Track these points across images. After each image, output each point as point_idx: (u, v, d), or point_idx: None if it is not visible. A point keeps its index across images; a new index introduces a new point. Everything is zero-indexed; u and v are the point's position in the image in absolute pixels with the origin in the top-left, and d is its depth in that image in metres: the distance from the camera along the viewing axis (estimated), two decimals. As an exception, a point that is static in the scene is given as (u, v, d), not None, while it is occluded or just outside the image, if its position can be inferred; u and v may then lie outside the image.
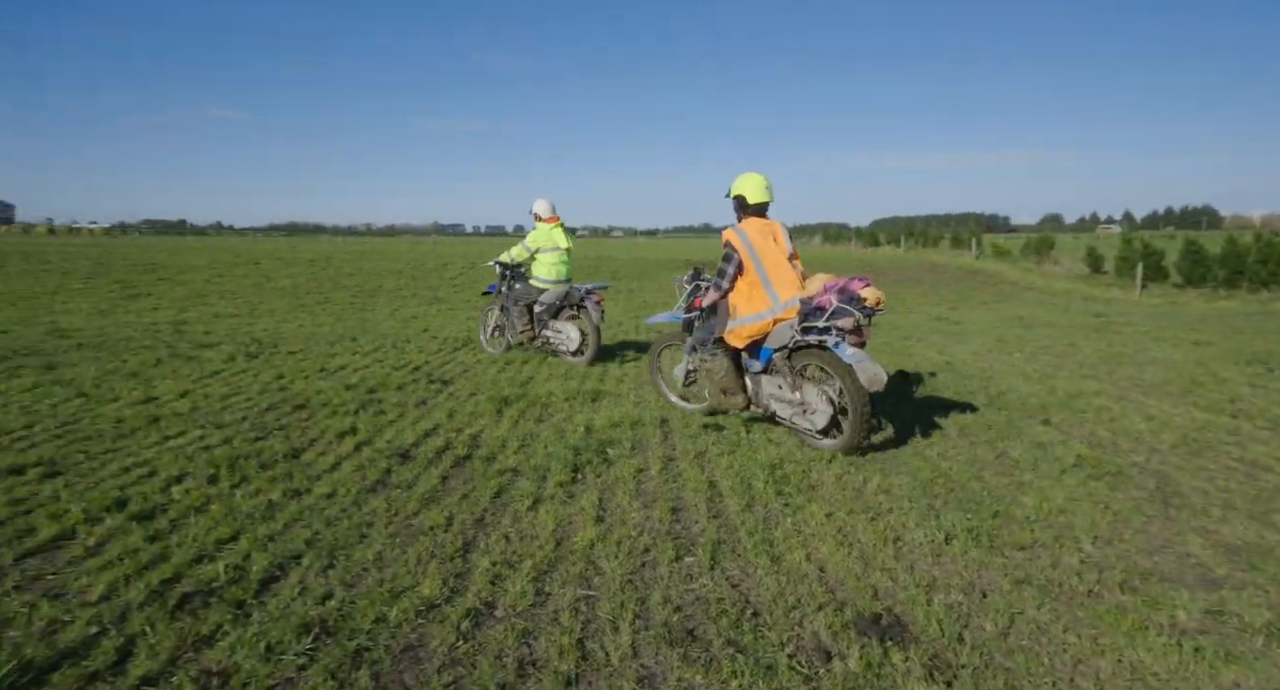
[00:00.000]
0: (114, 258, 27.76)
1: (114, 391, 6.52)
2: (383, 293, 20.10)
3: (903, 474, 4.55)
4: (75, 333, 11.42)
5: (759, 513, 3.94)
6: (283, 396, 6.55)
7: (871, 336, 8.28)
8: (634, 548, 3.50)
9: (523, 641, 2.69)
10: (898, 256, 40.66)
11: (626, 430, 5.57)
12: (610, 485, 4.38)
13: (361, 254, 35.32)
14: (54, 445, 4.88)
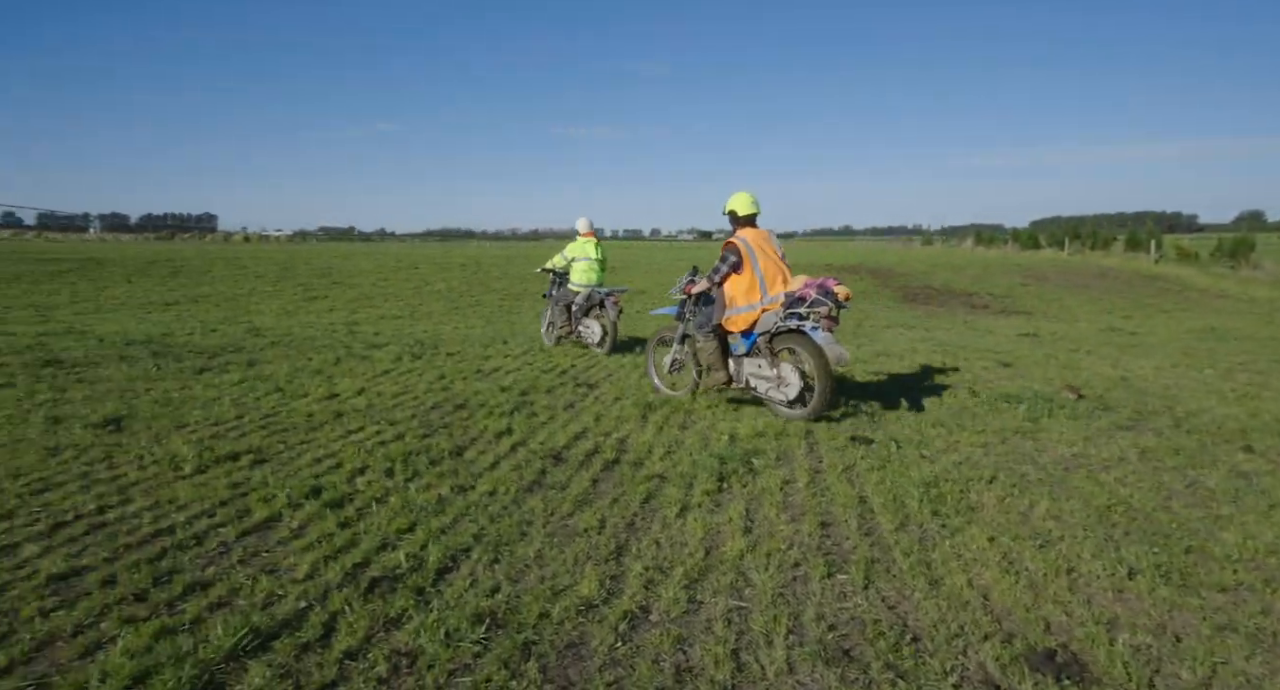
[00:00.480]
0: (296, 262, 30.82)
1: (303, 387, 7.27)
2: (528, 296, 21.04)
3: (1074, 499, 4.24)
4: (268, 331, 12.80)
5: (914, 532, 3.81)
6: (445, 396, 7.04)
7: (1039, 348, 7.76)
8: (784, 561, 3.49)
9: (678, 648, 2.76)
10: (1061, 260, 37.58)
11: (771, 440, 5.54)
12: (756, 496, 4.39)
13: (508, 258, 37.15)
14: (259, 435, 5.52)
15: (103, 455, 4.86)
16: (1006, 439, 5.58)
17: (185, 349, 9.74)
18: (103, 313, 16.92)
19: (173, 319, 15.65)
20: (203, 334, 12.28)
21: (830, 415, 6.25)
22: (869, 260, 37.74)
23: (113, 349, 9.50)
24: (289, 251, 45.79)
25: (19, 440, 5.12)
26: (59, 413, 5.90)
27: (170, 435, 5.41)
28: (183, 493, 4.19)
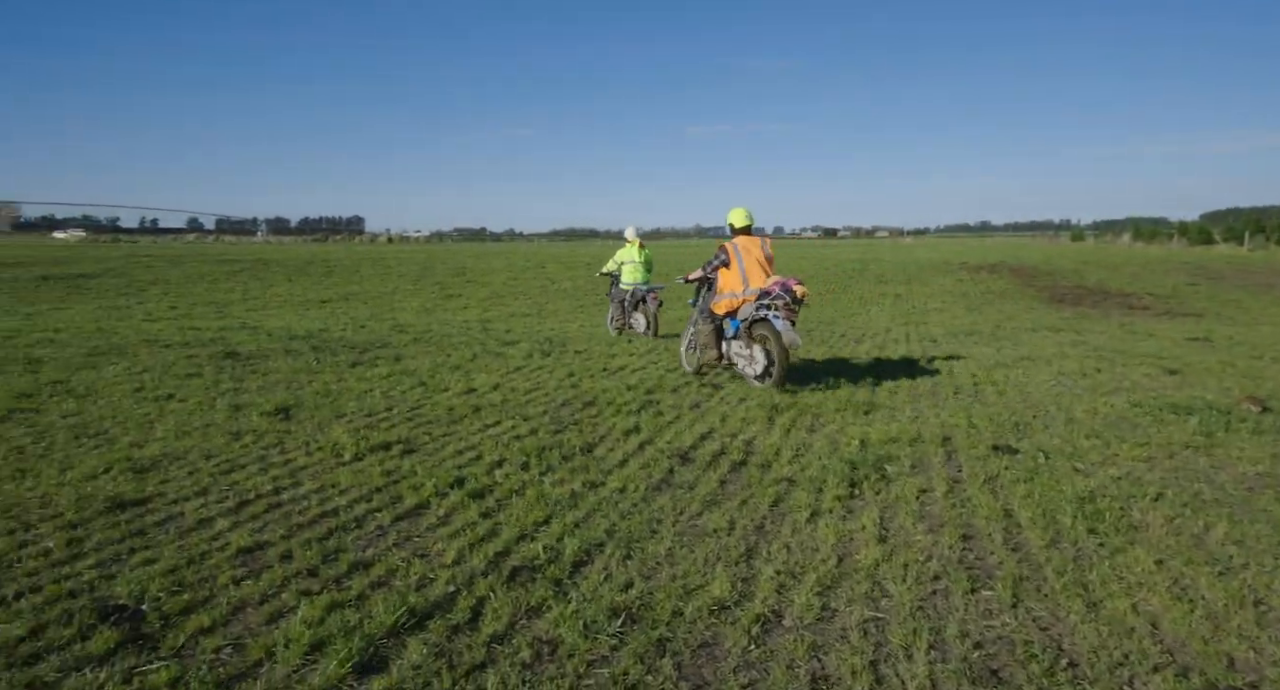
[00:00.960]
0: (434, 262, 32.70)
1: (444, 382, 7.71)
2: (651, 296, 21.34)
3: (1260, 523, 3.82)
4: (410, 328, 13.67)
5: (1067, 551, 3.56)
6: (574, 393, 7.26)
7: (1212, 355, 7.03)
8: (922, 573, 3.36)
9: (813, 655, 2.73)
10: (1240, 257, 33.76)
11: (905, 447, 5.34)
12: (891, 504, 4.25)
13: (630, 258, 37.76)
14: (407, 426, 5.91)
15: (276, 441, 5.38)
16: (1175, 454, 5.10)
17: (340, 344, 10.57)
18: (269, 309, 18.67)
19: (327, 315, 17.03)
20: (354, 330, 13.28)
21: (971, 421, 5.95)
22: (1010, 258, 35.47)
23: (279, 343, 10.46)
24: (427, 251, 48.62)
25: (209, 425, 5.75)
26: (239, 401, 6.57)
27: (331, 424, 5.90)
28: (343, 478, 4.56)
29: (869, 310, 19.37)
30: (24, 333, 11.28)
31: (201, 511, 3.96)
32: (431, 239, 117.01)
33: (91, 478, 4.42)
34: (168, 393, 6.90)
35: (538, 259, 36.31)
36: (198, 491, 4.27)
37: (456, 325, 14.56)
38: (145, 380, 7.46)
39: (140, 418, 5.96)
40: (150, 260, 31.81)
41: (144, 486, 4.30)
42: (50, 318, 14.72)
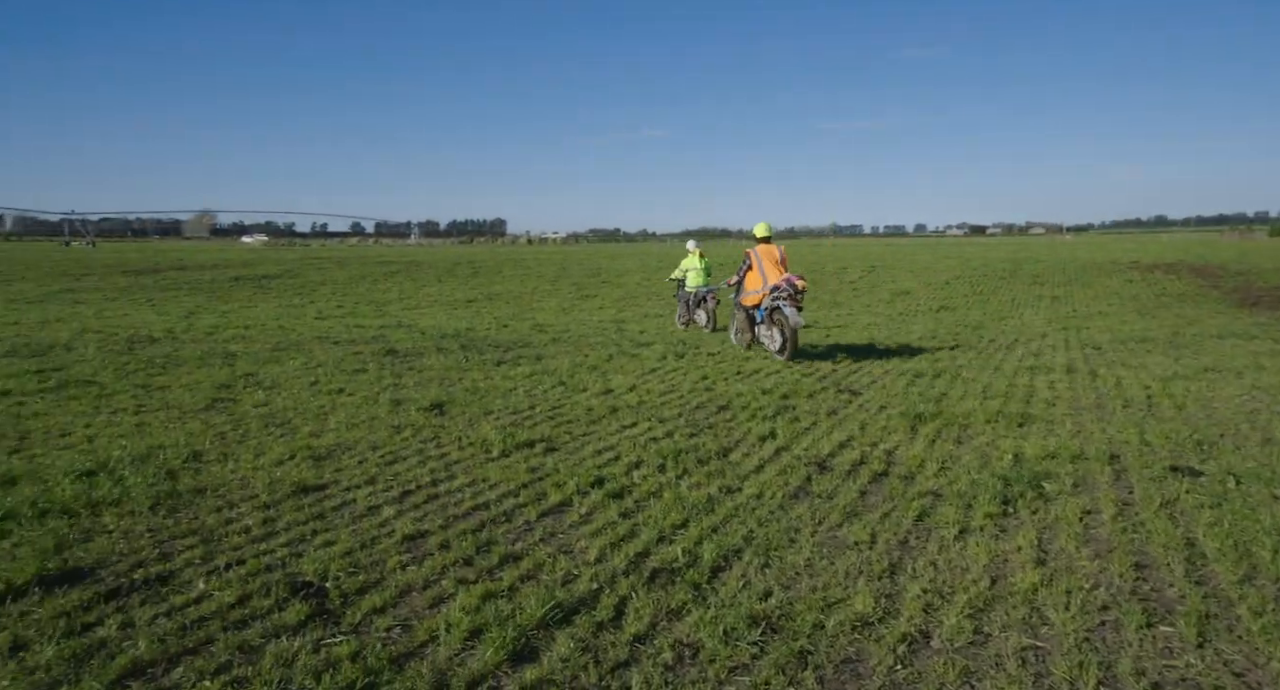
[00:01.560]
0: (570, 263, 33.80)
1: (582, 383, 7.98)
2: (784, 296, 21.00)
3: None
4: (550, 328, 14.22)
5: (1267, 588, 3.19)
6: (708, 397, 7.29)
7: None
8: (1088, 602, 3.13)
9: (965, 680, 2.61)
10: None
11: (1065, 464, 4.97)
12: (1050, 525, 3.97)
13: (763, 258, 37.31)
14: (549, 425, 6.17)
15: (432, 435, 5.78)
16: (1402, 484, 4.43)
17: (485, 343, 11.18)
18: (421, 308, 20.03)
19: (473, 314, 18.03)
20: (497, 329, 14.00)
21: (1144, 438, 5.45)
22: (1190, 256, 31.94)
23: (431, 341, 11.21)
24: (564, 253, 50.30)
25: (374, 418, 6.27)
26: (399, 396, 7.11)
27: (480, 421, 6.26)
28: (492, 473, 4.84)
29: (1021, 314, 18.09)
30: (221, 329, 12.75)
31: (370, 499, 4.33)
32: (568, 240, 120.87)
33: (279, 463, 4.94)
34: (338, 387, 7.58)
35: (671, 259, 36.63)
36: (366, 480, 4.67)
37: (592, 325, 14.99)
38: (319, 374, 8.23)
39: (316, 409, 6.58)
40: (320, 262, 34.94)
41: (322, 473, 4.76)
42: (241, 315, 16.53)
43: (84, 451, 5.10)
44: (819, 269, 27.85)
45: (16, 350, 9.25)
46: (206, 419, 6.17)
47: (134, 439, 5.45)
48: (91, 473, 4.54)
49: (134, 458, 4.90)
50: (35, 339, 10.48)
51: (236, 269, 31.45)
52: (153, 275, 28.56)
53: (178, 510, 4.09)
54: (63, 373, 7.84)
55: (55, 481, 4.37)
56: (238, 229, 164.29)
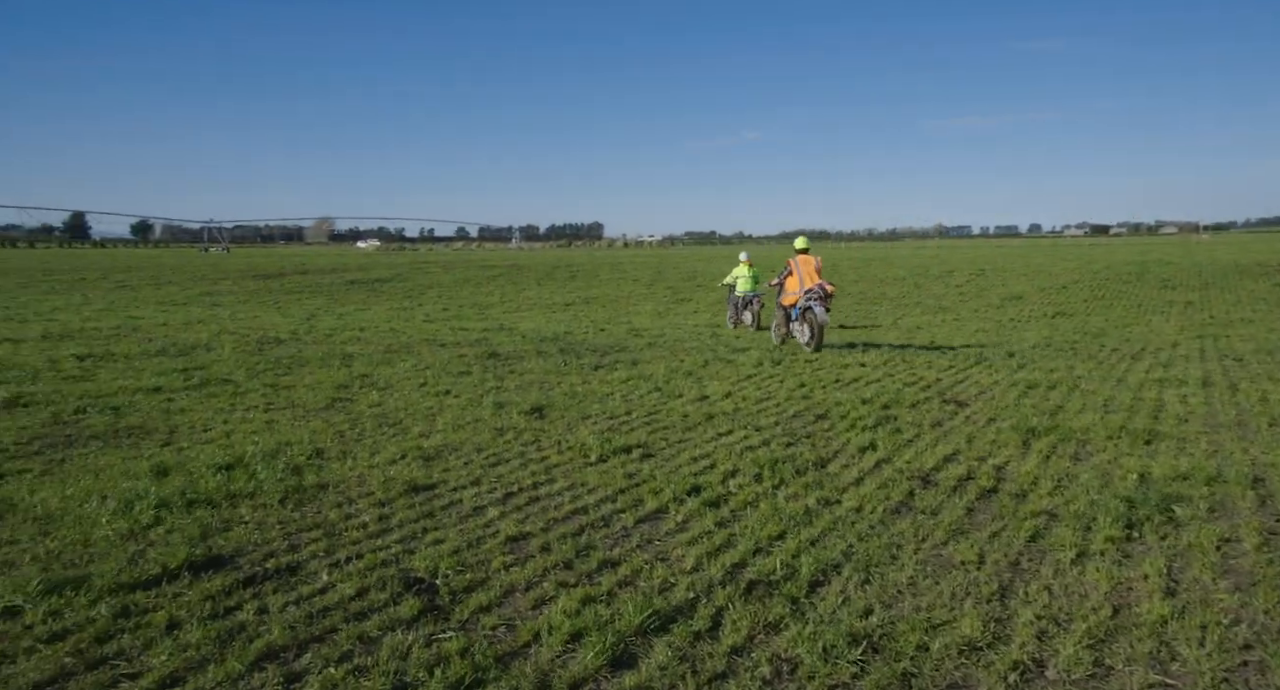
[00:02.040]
0: (666, 267, 33.97)
1: (678, 388, 8.02)
2: (885, 301, 20.34)
3: None
4: (645, 332, 14.35)
5: None
6: (805, 405, 7.18)
7: None
8: (1226, 640, 2.90)
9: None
10: None
11: (1199, 486, 4.60)
12: (1181, 553, 3.70)
13: (865, 260, 36.27)
14: (645, 431, 6.25)
15: (533, 439, 5.96)
16: None
17: (583, 346, 11.41)
18: (521, 311, 20.64)
19: (571, 318, 18.43)
20: (594, 333, 14.25)
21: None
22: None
23: (532, 345, 11.54)
24: (660, 256, 50.60)
25: (478, 420, 6.53)
26: (501, 399, 7.37)
27: (578, 425, 6.41)
28: (591, 478, 4.94)
29: (1149, 320, 16.84)
30: (339, 331, 13.57)
31: (476, 500, 4.52)
32: (664, 243, 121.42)
33: (392, 462, 5.23)
34: (445, 388, 7.93)
35: (767, 262, 36.24)
36: (472, 481, 4.87)
37: (688, 330, 15.02)
38: (428, 376, 8.63)
39: (425, 411, 6.91)
40: (427, 266, 36.59)
41: (431, 473, 5.00)
42: (357, 317, 17.55)
43: (223, 446, 5.57)
44: (922, 272, 26.82)
45: (166, 350, 10.16)
46: (327, 417, 6.59)
47: (264, 435, 5.90)
48: (229, 466, 4.95)
49: (265, 453, 5.30)
50: (180, 339, 11.48)
51: (352, 273, 33.37)
52: (279, 279, 30.72)
53: (303, 504, 4.40)
54: (204, 371, 8.57)
55: (200, 474, 4.79)
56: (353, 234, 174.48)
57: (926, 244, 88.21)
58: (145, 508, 4.13)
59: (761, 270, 16.33)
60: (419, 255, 57.06)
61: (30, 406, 6.63)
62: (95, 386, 7.57)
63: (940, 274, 25.92)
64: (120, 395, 7.19)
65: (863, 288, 23.15)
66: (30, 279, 28.75)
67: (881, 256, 41.82)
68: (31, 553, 3.65)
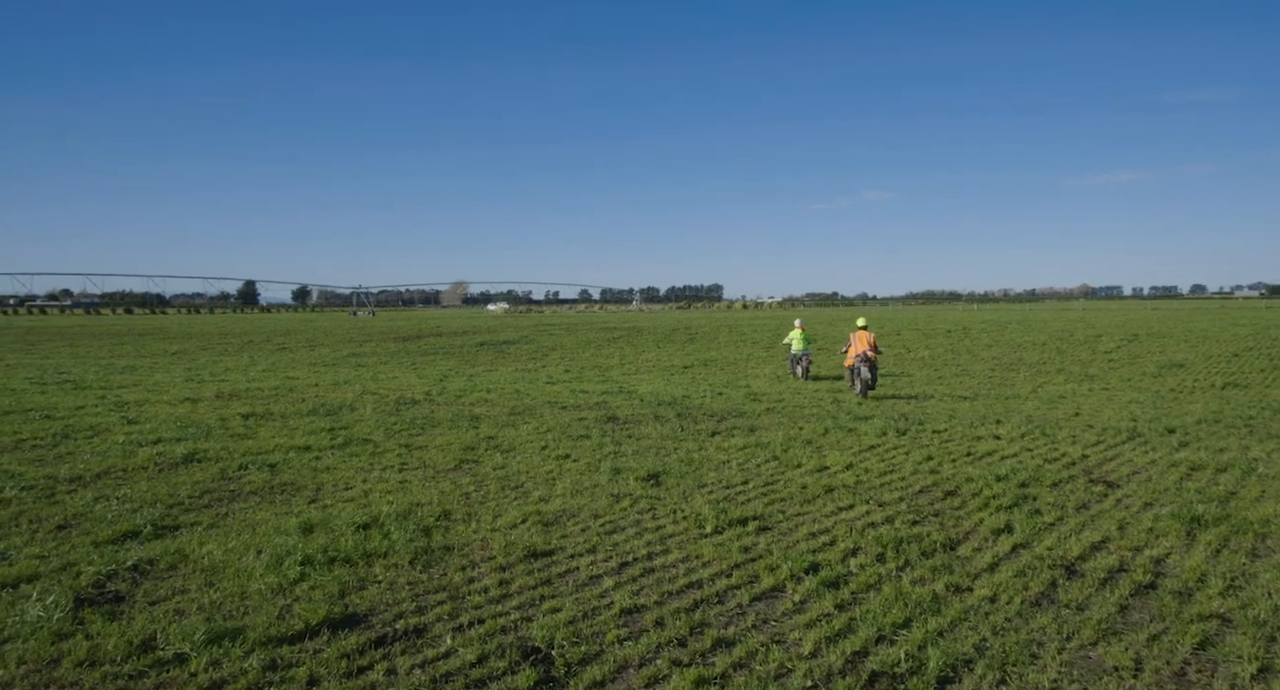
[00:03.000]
0: (785, 328, 33.57)
1: (796, 458, 7.84)
2: (1023, 366, 19.12)
3: None
4: (764, 396, 14.17)
5: None
6: (933, 479, 6.82)
7: None
8: None
9: None
10: None
11: None
12: (1391, 675, 3.18)
13: (1000, 324, 34.38)
14: (762, 502, 6.14)
15: (648, 506, 5.99)
16: None
17: (700, 411, 11.41)
18: (640, 373, 20.94)
19: (689, 381, 18.50)
20: (712, 397, 14.22)
21: None
22: None
23: (649, 409, 11.67)
24: (780, 317, 50.17)
25: (595, 486, 6.65)
26: (618, 464, 7.48)
27: (694, 494, 6.38)
28: (706, 550, 4.90)
29: (1342, 389, 14.86)
30: (468, 392, 14.29)
31: (592, 568, 4.58)
32: (784, 304, 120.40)
33: (514, 526, 5.41)
34: (565, 452, 8.14)
35: (892, 325, 35.08)
36: (588, 549, 4.95)
37: (807, 395, 14.71)
38: (549, 440, 8.91)
39: (545, 475, 7.12)
40: (551, 328, 38.02)
41: (550, 539, 5.12)
42: (485, 378, 18.42)
43: (361, 505, 5.96)
44: (1066, 337, 25.04)
45: (316, 409, 11.07)
46: (454, 479, 6.92)
47: (398, 495, 6.27)
48: (366, 525, 5.29)
49: (398, 513, 5.63)
50: (329, 399, 12.48)
51: (482, 335, 35.21)
52: (416, 341, 32.88)
53: (431, 566, 4.62)
54: (348, 431, 9.25)
55: (340, 531, 5.15)
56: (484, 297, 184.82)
57: (1070, 306, 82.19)
58: (292, 563, 4.48)
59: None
60: (544, 317, 59.55)
61: (203, 462, 7.39)
62: (256, 444, 8.33)
63: (1086, 339, 24.09)
64: (276, 453, 7.88)
65: (997, 353, 21.87)
66: (209, 342, 32.26)
67: (1019, 319, 39.49)
68: (198, 602, 4.04)
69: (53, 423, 9.42)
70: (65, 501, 5.93)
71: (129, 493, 6.19)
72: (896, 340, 26.68)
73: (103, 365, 20.61)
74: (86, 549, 4.80)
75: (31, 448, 7.98)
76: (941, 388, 15.90)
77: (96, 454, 7.63)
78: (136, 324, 49.88)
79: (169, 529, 5.29)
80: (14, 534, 5.14)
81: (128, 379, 16.07)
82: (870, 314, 58.28)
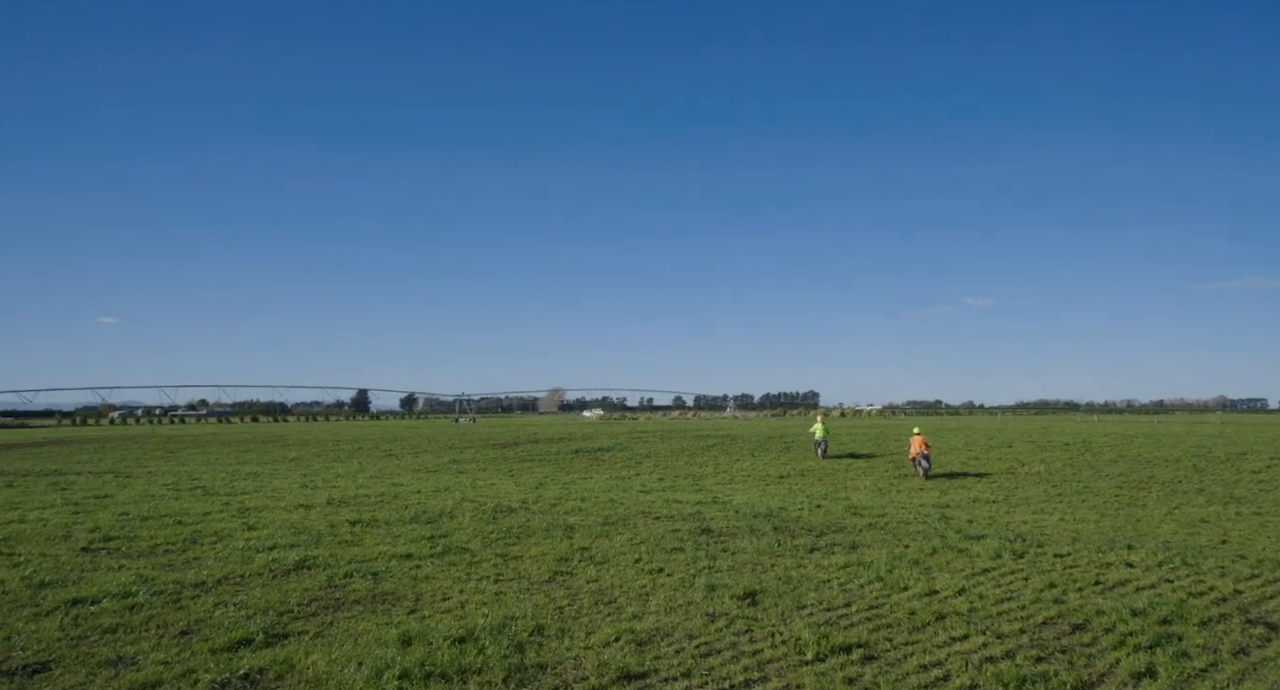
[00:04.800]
0: (886, 437, 32.32)
1: (903, 580, 7.39)
2: (1155, 485, 17.56)
3: None
4: (865, 511, 13.55)
5: None
6: (1058, 610, 6.26)
7: None
8: None
9: None
10: None
11: None
12: None
13: (1125, 437, 31.93)
14: (866, 627, 5.78)
15: (745, 627, 5.76)
16: None
17: (798, 525, 11.01)
18: (735, 483, 20.51)
19: (785, 492, 17.95)
20: (809, 509, 13.72)
21: None
22: None
23: (745, 521, 11.36)
24: (880, 426, 48.43)
25: (689, 603, 6.47)
26: (713, 581, 7.26)
27: (792, 615, 6.10)
28: (807, 679, 4.63)
29: None
30: (563, 500, 14.39)
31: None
32: (884, 412, 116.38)
33: (606, 645, 5.31)
34: (658, 566, 8.00)
35: (1002, 436, 33.20)
36: (682, 673, 4.78)
37: (912, 509, 13.98)
38: (642, 552, 8.79)
39: (638, 589, 6.99)
40: (645, 435, 38.05)
41: (643, 660, 4.99)
42: (579, 486, 18.51)
43: (458, 617, 6.02)
44: (1203, 453, 22.90)
45: (418, 517, 11.41)
46: (548, 592, 6.90)
47: (493, 607, 6.30)
48: (462, 639, 5.33)
49: (493, 627, 5.64)
50: (430, 506, 12.85)
51: (577, 442, 35.61)
52: (514, 447, 33.59)
53: (524, 685, 4.58)
54: (446, 539, 9.45)
55: (437, 644, 5.20)
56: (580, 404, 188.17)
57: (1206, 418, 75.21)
58: (391, 677, 4.55)
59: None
60: (638, 424, 59.80)
61: (312, 569, 7.70)
62: (361, 551, 8.63)
63: (1228, 456, 21.94)
64: (379, 561, 8.12)
65: (1124, 469, 20.18)
66: (324, 448, 34.08)
67: (1147, 432, 36.56)
68: (302, 711, 4.13)
69: (183, 528, 10.11)
70: (189, 606, 6.29)
71: (245, 599, 6.51)
72: (1008, 452, 25.16)
73: (229, 472, 22.07)
74: (205, 656, 5.04)
75: (164, 552, 8.56)
76: (1061, 506, 14.76)
77: (219, 559, 8.10)
78: (261, 431, 53.39)
79: (279, 637, 5.49)
80: (143, 638, 5.47)
81: (250, 485, 17.13)
82: (976, 424, 55.61)
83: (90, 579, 7.13)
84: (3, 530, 9.99)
